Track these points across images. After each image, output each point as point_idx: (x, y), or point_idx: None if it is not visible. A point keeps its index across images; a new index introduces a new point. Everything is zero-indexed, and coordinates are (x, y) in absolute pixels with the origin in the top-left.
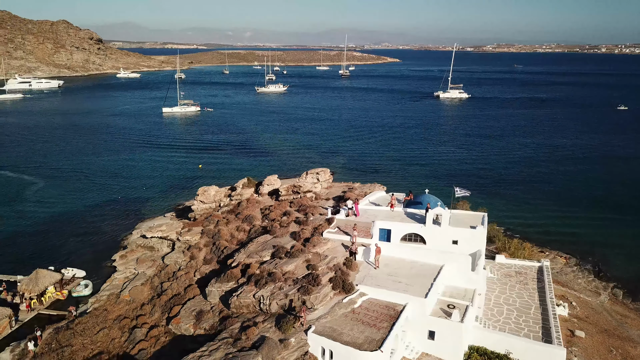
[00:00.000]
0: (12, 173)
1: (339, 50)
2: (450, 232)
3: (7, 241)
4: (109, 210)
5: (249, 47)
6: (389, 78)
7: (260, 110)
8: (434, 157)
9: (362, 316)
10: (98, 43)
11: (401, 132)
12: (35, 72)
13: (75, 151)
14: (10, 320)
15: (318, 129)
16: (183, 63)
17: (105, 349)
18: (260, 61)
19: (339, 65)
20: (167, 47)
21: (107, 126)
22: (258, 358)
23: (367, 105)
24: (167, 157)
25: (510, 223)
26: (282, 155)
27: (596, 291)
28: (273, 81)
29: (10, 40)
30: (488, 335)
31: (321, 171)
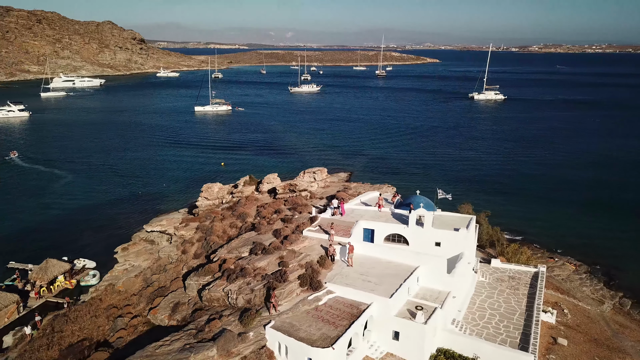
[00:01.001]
0: (44, 167)
1: (378, 50)
2: (433, 233)
3: (30, 232)
4: (128, 204)
5: (290, 47)
6: (425, 78)
7: (291, 110)
8: (459, 161)
9: (324, 314)
10: (140, 43)
11: (429, 134)
12: (80, 71)
13: (106, 147)
14: (18, 306)
15: (345, 129)
16: (222, 63)
17: (89, 336)
18: (297, 61)
19: (377, 65)
20: (210, 47)
21: (140, 124)
22: (213, 349)
23: (399, 106)
24: (193, 155)
25: (526, 228)
26: (303, 154)
27: (600, 300)
28: (308, 81)
29: (58, 41)
30: (457, 338)
31: (318, 170)
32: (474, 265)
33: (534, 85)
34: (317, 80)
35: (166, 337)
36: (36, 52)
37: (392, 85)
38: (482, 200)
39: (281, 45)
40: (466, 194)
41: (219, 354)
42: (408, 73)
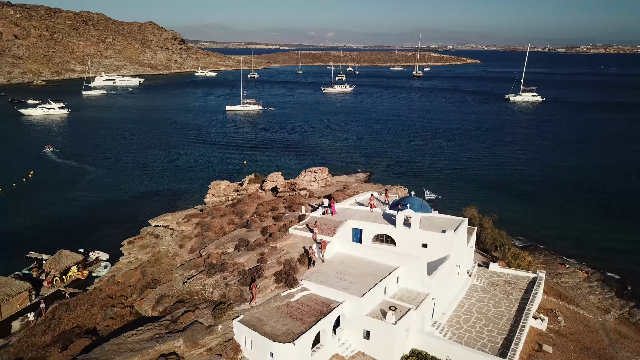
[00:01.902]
0: (76, 162)
1: (420, 51)
2: (420, 235)
3: (53, 223)
4: (148, 200)
5: (330, 47)
6: (462, 79)
7: (321, 110)
8: (483, 164)
9: (294, 310)
10: (180, 43)
11: (457, 137)
12: (122, 70)
13: (137, 144)
14: (30, 293)
15: (372, 130)
16: (260, 63)
17: (82, 324)
18: (335, 61)
19: (414, 66)
20: (251, 47)
21: (172, 122)
22: (180, 340)
23: (431, 107)
24: (218, 154)
25: (543, 233)
26: (326, 154)
27: (607, 309)
28: (342, 81)
29: (102, 41)
30: (430, 340)
31: (318, 170)
32: (470, 269)
33: (575, 87)
34: (351, 81)
35: (141, 327)
36: (81, 52)
37: (427, 85)
38: (502, 204)
39: (321, 46)
40: (486, 198)
41: (185, 345)
42: (445, 74)
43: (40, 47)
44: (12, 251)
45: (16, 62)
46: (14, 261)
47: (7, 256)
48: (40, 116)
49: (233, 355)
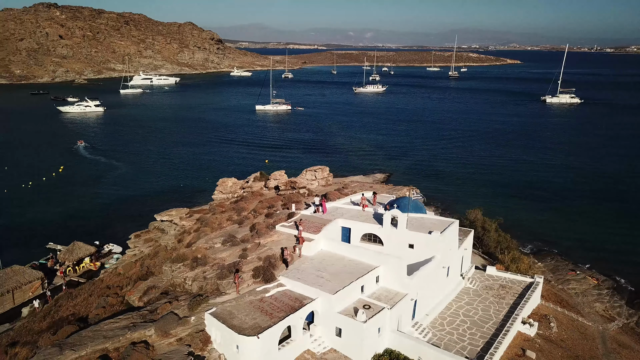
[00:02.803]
0: (105, 158)
1: (459, 51)
2: (407, 235)
3: (75, 216)
4: (168, 196)
5: (368, 47)
6: (500, 80)
7: (350, 111)
8: (508, 167)
9: (266, 305)
10: (218, 43)
11: (485, 138)
12: (160, 70)
13: (166, 142)
14: (43, 282)
15: (400, 130)
16: (297, 63)
17: (77, 312)
18: (370, 61)
19: (454, 66)
20: (289, 47)
21: (203, 120)
22: (151, 329)
23: (463, 108)
24: (243, 152)
25: (560, 239)
26: (348, 154)
27: (611, 317)
28: (375, 81)
29: (142, 41)
30: (403, 340)
31: (319, 169)
32: (466, 271)
33: (618, 89)
34: (385, 81)
35: (120, 315)
36: (122, 52)
37: (462, 86)
38: (521, 208)
39: (360, 46)
40: (504, 201)
41: (156, 334)
42: (483, 74)
43: (83, 47)
44: (33, 241)
45: (60, 62)
46: (34, 251)
47: (29, 246)
48: (77, 113)
49: (202, 346)
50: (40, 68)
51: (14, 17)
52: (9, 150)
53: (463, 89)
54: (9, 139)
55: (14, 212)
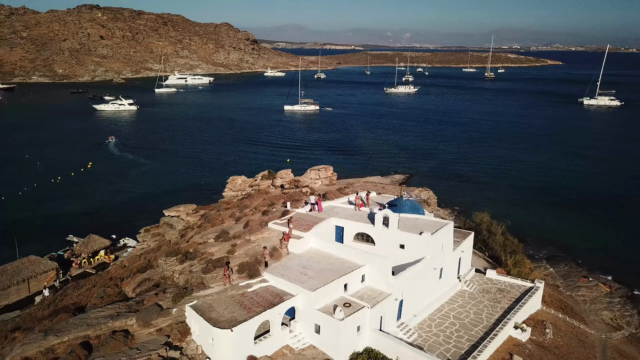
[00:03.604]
0: (132, 155)
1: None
2: (398, 235)
3: (98, 210)
4: (188, 193)
5: (405, 48)
6: (538, 81)
7: (379, 111)
8: (533, 170)
9: (247, 300)
10: (253, 43)
11: (515, 142)
12: (196, 70)
13: (193, 140)
14: (58, 272)
15: (426, 131)
16: (331, 63)
17: (78, 301)
18: (405, 62)
19: (491, 67)
20: (326, 48)
21: (231, 119)
22: (133, 319)
23: (495, 110)
24: (266, 151)
25: (578, 245)
26: (370, 154)
27: (618, 326)
28: (408, 82)
29: (179, 41)
30: (383, 340)
31: (322, 168)
32: (464, 274)
33: None
34: (420, 81)
35: (108, 305)
36: (159, 52)
37: (497, 87)
38: (542, 212)
39: (397, 46)
40: (525, 205)
41: (137, 324)
42: (521, 76)
43: (122, 47)
44: (55, 234)
45: (100, 61)
46: (55, 243)
47: (50, 238)
48: (111, 111)
49: (180, 337)
50: (81, 67)
51: (58, 18)
52: (45, 147)
53: (497, 90)
54: (45, 136)
55: (40, 206)
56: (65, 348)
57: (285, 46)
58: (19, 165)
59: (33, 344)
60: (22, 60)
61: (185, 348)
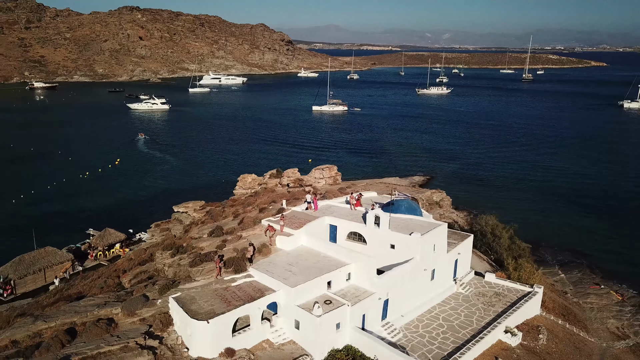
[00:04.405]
0: (160, 152)
1: (540, 52)
2: (389, 235)
3: (119, 206)
4: (208, 190)
5: (444, 49)
6: (578, 83)
7: (408, 112)
8: (560, 176)
9: (229, 294)
10: (288, 44)
11: (546, 145)
12: (231, 70)
13: (221, 139)
14: (73, 264)
15: (454, 133)
16: (366, 64)
17: (81, 291)
18: (442, 63)
19: (529, 68)
20: (363, 49)
21: (259, 119)
22: (118, 308)
23: (529, 112)
24: (290, 150)
25: (599, 252)
26: (393, 155)
27: (624, 335)
28: (442, 83)
29: (215, 42)
30: (362, 338)
31: (326, 168)
32: (461, 276)
33: None
34: (454, 83)
35: (101, 294)
36: (196, 52)
37: (534, 89)
38: (564, 217)
39: (435, 47)
40: (546, 210)
41: (122, 313)
42: (560, 77)
43: (160, 47)
44: (76, 226)
45: (139, 61)
46: (75, 235)
47: (71, 230)
48: (144, 110)
49: (162, 327)
50: (120, 67)
51: (100, 19)
52: (78, 143)
53: (534, 92)
54: (80, 133)
55: (65, 200)
56: (51, 333)
57: (322, 47)
58: (51, 161)
59: (22, 328)
60: (65, 60)
61: (166, 338)
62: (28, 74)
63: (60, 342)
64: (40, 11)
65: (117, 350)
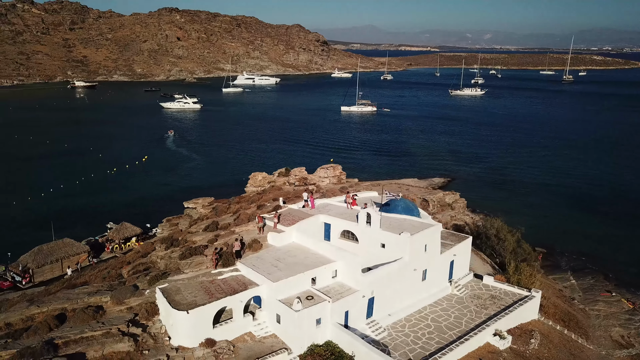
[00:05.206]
0: (186, 150)
1: (585, 53)
2: (379, 234)
3: (140, 201)
4: (228, 189)
5: (485, 49)
6: (622, 85)
7: (438, 114)
8: (585, 181)
9: (214, 286)
10: (323, 45)
11: (578, 148)
12: (265, 70)
13: (248, 138)
14: (89, 255)
15: (483, 135)
16: (401, 64)
17: (87, 281)
18: (480, 64)
19: (570, 69)
20: (401, 49)
21: (288, 120)
22: (107, 296)
23: (567, 114)
24: (313, 151)
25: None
26: (416, 157)
27: (628, 344)
28: (477, 84)
29: (251, 42)
30: (342, 334)
31: (331, 167)
32: (458, 278)
33: None
34: (490, 84)
35: (95, 283)
36: (231, 52)
37: (574, 90)
38: (586, 223)
39: (475, 48)
40: (564, 215)
41: (111, 301)
42: (603, 79)
43: (197, 48)
44: (98, 220)
45: (176, 61)
46: (96, 228)
47: (93, 224)
48: (176, 109)
49: (147, 316)
50: (157, 67)
51: (140, 21)
52: (110, 140)
53: (574, 93)
54: (113, 131)
55: (90, 194)
56: (42, 317)
57: (359, 47)
58: (83, 157)
59: (17, 312)
60: (105, 60)
61: (151, 327)
62: (71, 73)
63: (48, 326)
64: (84, 13)
65: (99, 335)
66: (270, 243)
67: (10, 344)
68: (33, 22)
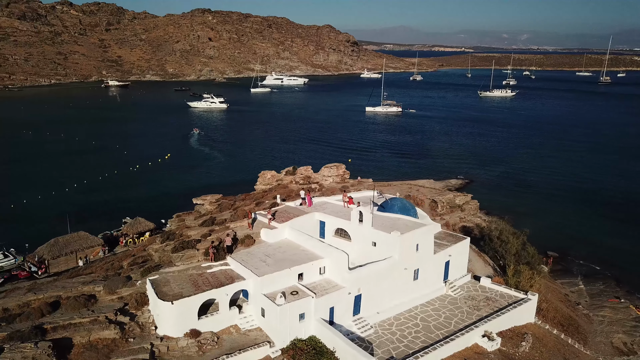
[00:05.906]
0: (209, 149)
1: (624, 54)
2: (370, 233)
3: (158, 198)
4: (238, 187)
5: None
6: None
7: (465, 115)
8: (614, 186)
9: (202, 279)
10: (353, 45)
11: (609, 151)
12: (295, 71)
13: (271, 138)
14: (103, 249)
15: (509, 138)
16: (433, 65)
17: (92, 271)
18: (514, 64)
19: (608, 70)
20: (434, 50)
21: (312, 119)
22: (100, 286)
23: (601, 117)
24: (335, 151)
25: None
26: (436, 158)
27: (630, 351)
28: (508, 85)
29: (281, 43)
30: (324, 330)
31: (334, 166)
32: (455, 279)
33: None
34: (523, 85)
35: (92, 274)
36: (262, 53)
37: (611, 92)
38: (602, 227)
39: (512, 48)
40: (591, 221)
41: (104, 290)
42: None
43: (228, 48)
44: (116, 215)
45: (207, 62)
46: (113, 222)
47: (111, 218)
48: (203, 108)
49: (137, 306)
50: (189, 67)
51: (173, 21)
52: (136, 138)
53: (610, 95)
54: (140, 128)
55: (111, 190)
56: (38, 304)
57: (392, 48)
58: (109, 154)
59: (14, 298)
60: (139, 60)
61: (139, 316)
62: (105, 72)
63: (40, 312)
64: (119, 14)
65: (87, 322)
66: (263, 239)
67: (3, 327)
68: (71, 23)
